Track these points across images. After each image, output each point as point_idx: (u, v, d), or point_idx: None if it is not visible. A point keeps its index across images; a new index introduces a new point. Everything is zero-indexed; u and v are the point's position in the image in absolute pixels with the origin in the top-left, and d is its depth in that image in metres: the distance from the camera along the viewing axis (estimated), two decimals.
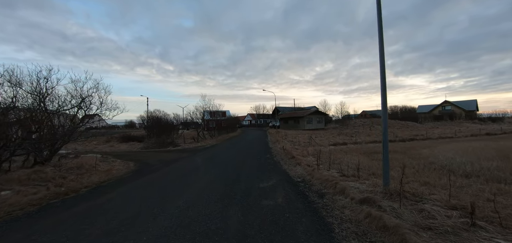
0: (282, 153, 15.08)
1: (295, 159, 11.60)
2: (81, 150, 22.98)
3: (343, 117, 60.00)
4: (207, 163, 11.31)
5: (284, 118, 56.60)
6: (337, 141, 23.65)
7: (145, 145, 26.70)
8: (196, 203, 5.35)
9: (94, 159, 15.09)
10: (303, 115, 49.91)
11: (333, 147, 20.89)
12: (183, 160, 12.98)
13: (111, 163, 13.76)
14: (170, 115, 37.33)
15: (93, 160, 14.47)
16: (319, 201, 5.35)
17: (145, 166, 11.80)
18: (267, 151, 16.55)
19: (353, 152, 16.80)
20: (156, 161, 13.31)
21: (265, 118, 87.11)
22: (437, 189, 6.58)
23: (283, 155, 14.14)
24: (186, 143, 25.25)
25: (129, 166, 12.06)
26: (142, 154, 17.57)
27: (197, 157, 13.69)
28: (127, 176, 9.31)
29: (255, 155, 14.38)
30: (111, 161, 14.36)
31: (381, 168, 9.95)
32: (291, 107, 71.21)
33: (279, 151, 16.32)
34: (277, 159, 12.59)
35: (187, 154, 16.01)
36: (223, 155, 14.69)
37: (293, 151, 15.10)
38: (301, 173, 8.74)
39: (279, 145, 19.69)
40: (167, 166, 11.45)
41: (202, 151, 17.20)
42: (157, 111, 40.14)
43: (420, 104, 73.57)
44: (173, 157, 14.58)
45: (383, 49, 6.10)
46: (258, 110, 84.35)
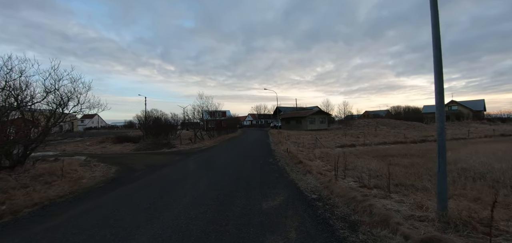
0: (286, 156, 13.26)
1: (303, 165, 9.79)
2: (70, 152, 21.26)
3: (346, 118, 58.15)
4: (199, 170, 9.52)
5: (286, 118, 54.77)
6: (344, 142, 21.81)
7: (140, 146, 24.99)
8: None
9: (75, 162, 13.35)
10: (305, 116, 48.07)
11: (340, 149, 19.06)
12: (173, 165, 11.20)
13: (92, 168, 12.05)
14: (167, 115, 35.61)
15: (73, 164, 12.75)
16: (353, 238, 3.53)
17: (127, 173, 10.02)
18: (270, 154, 14.74)
19: (364, 155, 14.95)
20: (143, 166, 11.53)
21: (266, 118, 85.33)
22: (501, 210, 4.75)
23: (288, 159, 12.33)
24: (183, 144, 23.50)
25: (109, 172, 10.29)
26: (131, 157, 15.80)
27: (190, 161, 11.89)
28: (97, 187, 7.52)
29: (256, 159, 12.57)
30: (92, 165, 12.62)
31: (413, 179, 8.15)
32: (293, 107, 69.38)
33: (283, 154, 14.51)
34: (281, 164, 10.78)
35: (180, 156, 14.23)
36: (219, 158, 12.89)
37: (298, 154, 13.29)
38: (314, 184, 6.93)
39: (283, 147, 17.88)
40: (152, 172, 9.66)
41: (197, 154, 15.41)
42: (155, 110, 38.40)
43: (425, 104, 71.52)
44: (164, 161, 12.81)
45: (438, 30, 4.29)
46: (259, 111, 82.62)
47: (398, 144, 22.35)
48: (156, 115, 35.29)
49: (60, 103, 12.21)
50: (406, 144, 22.33)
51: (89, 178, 9.11)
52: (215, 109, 31.84)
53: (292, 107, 70.42)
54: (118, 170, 10.78)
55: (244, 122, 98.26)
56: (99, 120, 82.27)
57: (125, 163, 13.05)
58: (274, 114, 73.85)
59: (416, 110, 78.63)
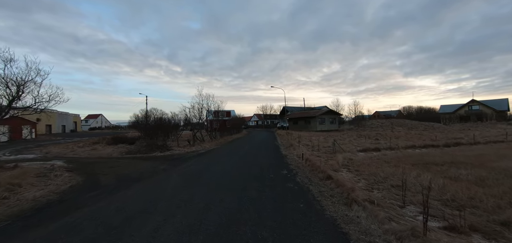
0: (304, 165, 10.08)
1: (336, 183, 6.57)
2: (52, 155, 18.50)
3: (356, 118, 54.38)
4: (180, 191, 6.42)
5: (294, 118, 51.42)
6: (367, 145, 18.44)
7: (134, 148, 22.11)
8: None
9: (34, 171, 10.48)
10: (314, 116, 44.64)
11: (363, 153, 15.77)
12: (151, 179, 8.15)
13: (48, 180, 9.24)
14: (167, 115, 32.75)
15: (28, 174, 9.88)
16: None
17: (83, 191, 7.07)
18: (281, 161, 11.58)
19: (400, 163, 11.64)
20: (113, 178, 8.57)
21: (272, 119, 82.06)
22: None
23: (307, 170, 9.16)
24: (180, 146, 20.53)
25: (60, 189, 7.45)
26: (111, 163, 12.86)
27: (176, 174, 8.79)
28: (15, 217, 4.55)
29: (264, 170, 9.42)
30: (53, 176, 9.74)
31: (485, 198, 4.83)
32: (301, 107, 65.92)
33: (298, 161, 11.35)
34: (302, 180, 7.58)
35: (168, 164, 11.19)
36: (214, 169, 9.78)
37: (318, 162, 10.11)
38: (389, 241, 3.68)
39: (295, 151, 14.71)
40: (115, 191, 6.64)
41: (190, 161, 12.37)
42: (154, 109, 35.65)
43: (443, 104, 67.09)
44: (145, 170, 9.81)
45: None
46: (265, 111, 79.40)
47: (429, 147, 18.87)
48: (156, 115, 32.56)
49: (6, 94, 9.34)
50: (439, 147, 18.82)
51: (24, 198, 6.17)
52: (217, 108, 28.81)
53: (299, 108, 66.98)
54: (76, 185, 7.85)
55: (249, 122, 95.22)
56: (103, 120, 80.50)
57: (96, 172, 10.14)
58: (280, 115, 70.52)
59: (429, 110, 74.18)
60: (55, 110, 58.24)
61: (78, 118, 67.75)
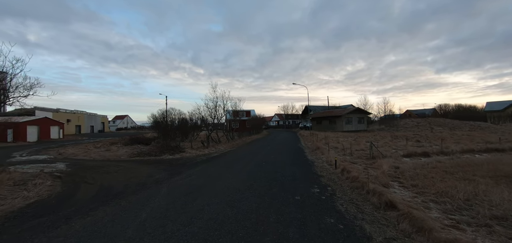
0: (340, 179, 7.38)
1: (403, 216, 3.85)
2: (62, 156, 17.48)
3: (387, 117, 49.36)
4: (155, 230, 4.16)
5: (317, 118, 47.92)
6: (411, 149, 15.02)
7: (147, 149, 20.72)
8: None
9: (16, 177, 8.95)
10: (340, 115, 40.89)
11: (409, 159, 12.55)
12: (128, 198, 5.96)
13: (28, 189, 7.61)
14: (185, 115, 31.34)
15: (3, 183, 8.35)
16: None
17: (29, 214, 5.04)
18: (308, 171, 8.95)
19: (469, 174, 8.52)
20: (86, 193, 6.59)
21: (294, 119, 78.66)
22: None
23: (346, 186, 6.48)
24: (194, 148, 18.66)
25: (18, 204, 5.45)
26: (111, 167, 11.14)
27: (167, 188, 6.56)
28: None
29: (286, 183, 6.91)
30: (32, 185, 8.09)
31: None
32: (324, 107, 62.01)
33: (329, 171, 8.66)
34: (346, 208, 4.89)
35: (168, 172, 9.08)
36: (222, 182, 7.40)
37: (357, 172, 7.36)
38: None
39: (324, 156, 11.97)
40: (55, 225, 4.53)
41: (197, 167, 10.19)
42: (172, 109, 34.51)
43: (489, 101, 59.26)
44: (134, 181, 7.76)
45: None
46: (286, 110, 76.18)
47: (493, 151, 14.98)
48: (173, 116, 31.31)
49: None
50: (507, 152, 14.85)
51: None
52: (235, 108, 26.65)
53: (323, 107, 63.04)
54: (41, 201, 6.00)
55: (270, 122, 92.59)
56: (129, 121, 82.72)
57: (82, 180, 8.40)
58: (303, 114, 67.02)
59: (469, 109, 65.97)
60: (84, 111, 60.46)
61: (106, 119, 69.91)
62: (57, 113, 48.15)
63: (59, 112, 49.85)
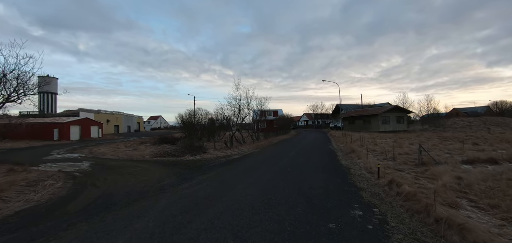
0: (388, 194, 5.56)
1: None
2: (92, 155, 17.85)
3: (430, 116, 43.93)
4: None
5: (349, 117, 44.52)
6: (472, 154, 12.20)
7: (172, 148, 20.46)
8: None
9: (27, 178, 8.68)
10: (376, 114, 37.24)
11: (469, 166, 9.97)
12: (120, 210, 4.94)
13: (37, 190, 7.22)
14: (211, 114, 30.93)
15: (16, 183, 8.07)
16: None
17: (18, 223, 4.22)
18: (344, 181, 7.19)
19: None
20: (88, 198, 5.74)
21: (323, 118, 75.01)
22: None
23: (400, 206, 4.73)
24: (217, 148, 17.77)
25: (16, 208, 4.71)
26: (129, 168, 10.61)
27: (167, 200, 5.41)
28: None
29: (315, 197, 5.37)
30: (42, 187, 7.68)
31: None
32: (357, 105, 57.84)
33: (370, 181, 6.84)
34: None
35: (180, 176, 8.04)
36: (235, 194, 6.04)
37: (409, 185, 5.49)
38: None
39: (362, 162, 10.01)
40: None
41: (212, 171, 9.04)
42: (199, 109, 34.45)
43: None
44: (141, 187, 6.82)
45: None
46: (315, 110, 72.84)
47: None
48: (199, 115, 31.11)
49: None
50: None
51: None
52: (260, 106, 25.32)
53: (355, 106, 58.84)
54: (39, 206, 5.31)
55: (298, 122, 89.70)
56: (162, 121, 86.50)
57: (93, 182, 7.80)
58: (333, 114, 63.37)
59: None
60: (122, 112, 64.30)
61: (141, 120, 73.74)
62: (99, 114, 51.63)
63: (100, 113, 53.46)
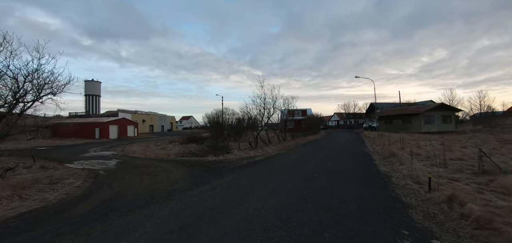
0: (453, 219, 4.10)
1: None
2: (123, 153, 18.45)
3: (483, 115, 38.23)
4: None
5: (386, 117, 40.84)
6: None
7: (198, 148, 20.41)
8: None
9: (52, 176, 8.79)
10: (417, 112, 33.43)
11: None
12: (126, 217, 4.35)
13: (56, 189, 7.23)
14: (238, 114, 30.54)
15: (41, 181, 8.16)
16: None
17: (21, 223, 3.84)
18: (384, 194, 5.81)
19: None
20: (95, 200, 5.31)
21: (356, 118, 70.55)
22: None
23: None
24: (241, 149, 17.10)
25: (30, 206, 4.44)
26: (152, 167, 10.45)
27: (170, 211, 4.67)
28: None
29: (348, 224, 4.19)
30: (61, 186, 7.66)
31: None
32: (394, 104, 53.10)
33: (421, 195, 5.38)
34: None
35: (194, 179, 7.39)
36: (249, 208, 5.01)
37: (492, 217, 3.99)
38: None
39: (404, 168, 8.38)
40: None
41: (230, 175, 8.23)
42: (226, 109, 34.34)
43: None
44: (149, 192, 6.29)
45: None
46: (347, 109, 68.73)
47: None
48: (226, 115, 30.92)
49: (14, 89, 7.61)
50: None
51: None
52: (288, 106, 24.08)
53: (392, 104, 54.08)
54: (48, 207, 5.07)
55: (329, 122, 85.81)
56: (193, 121, 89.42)
57: (112, 183, 7.74)
58: (367, 113, 59.16)
59: None
60: (156, 113, 67.71)
61: (174, 120, 76.96)
62: (135, 114, 54.87)
63: (136, 113, 56.81)
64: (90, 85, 60.37)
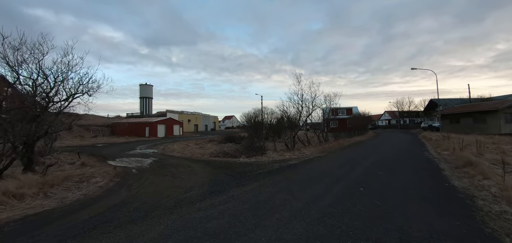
0: None
1: None
2: (162, 151, 18.98)
3: None
4: None
5: (451, 115, 34.51)
6: None
7: (234, 147, 19.92)
8: None
9: (82, 175, 8.85)
10: (495, 109, 27.14)
11: None
12: (113, 234, 3.55)
13: (81, 187, 7.03)
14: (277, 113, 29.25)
15: (70, 178, 8.25)
16: None
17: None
18: (470, 226, 3.88)
19: None
20: (102, 208, 4.73)
21: (411, 116, 62.23)
22: None
23: None
24: (277, 150, 15.83)
25: (50, 205, 4.10)
26: (182, 168, 9.97)
27: (164, 230, 3.72)
28: None
29: None
30: (86, 185, 7.55)
31: None
32: (461, 100, 44.89)
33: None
34: None
35: (215, 187, 6.40)
36: (262, 235, 3.92)
37: None
38: None
39: (492, 184, 5.96)
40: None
41: (255, 181, 7.00)
42: (265, 108, 33.41)
43: None
44: (157, 199, 5.51)
45: None
46: (400, 107, 60.88)
47: None
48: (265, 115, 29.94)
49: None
50: None
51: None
52: (329, 103, 21.74)
53: (458, 100, 45.77)
54: (68, 206, 4.65)
55: (378, 121, 77.92)
56: (235, 121, 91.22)
57: (133, 185, 7.34)
58: (426, 110, 51.38)
59: None
60: (200, 113, 70.86)
61: (217, 119, 79.61)
62: (181, 115, 58.19)
63: (182, 114, 60.23)
64: (144, 88, 66.31)
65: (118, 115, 60.13)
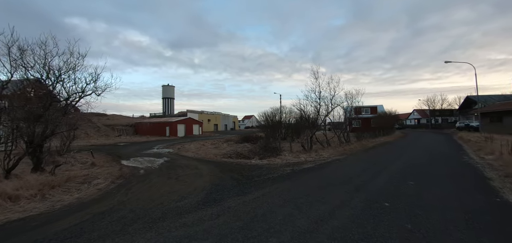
0: None
1: None
2: (176, 151, 18.82)
3: None
4: None
5: (492, 113, 30.75)
6: None
7: (248, 148, 19.23)
8: None
9: (86, 175, 8.63)
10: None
11: None
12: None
13: (81, 189, 6.69)
14: (296, 112, 28.08)
15: (74, 179, 8.04)
16: None
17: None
18: None
19: None
20: (87, 217, 4.21)
21: (444, 115, 57.12)
22: None
23: None
24: (292, 151, 14.84)
25: (45, 209, 3.69)
26: (190, 170, 9.42)
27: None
28: None
29: None
30: (87, 186, 7.22)
31: None
32: (504, 96, 40.14)
33: None
34: None
35: (214, 193, 5.66)
36: None
37: None
38: None
39: None
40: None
41: (260, 189, 6.13)
42: (284, 107, 32.33)
43: None
44: (146, 209, 4.89)
45: None
46: (432, 105, 56.02)
47: None
48: (283, 115, 28.93)
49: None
50: None
51: None
52: (351, 102, 20.14)
53: (500, 96, 40.95)
54: (62, 208, 4.16)
55: (406, 121, 72.81)
56: (254, 120, 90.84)
57: (134, 189, 6.87)
58: (462, 108, 46.70)
59: None
60: (220, 113, 71.36)
61: (236, 119, 79.75)
62: (201, 114, 58.94)
63: (203, 113, 61.00)
64: (166, 89, 68.27)
65: (142, 116, 62.58)
